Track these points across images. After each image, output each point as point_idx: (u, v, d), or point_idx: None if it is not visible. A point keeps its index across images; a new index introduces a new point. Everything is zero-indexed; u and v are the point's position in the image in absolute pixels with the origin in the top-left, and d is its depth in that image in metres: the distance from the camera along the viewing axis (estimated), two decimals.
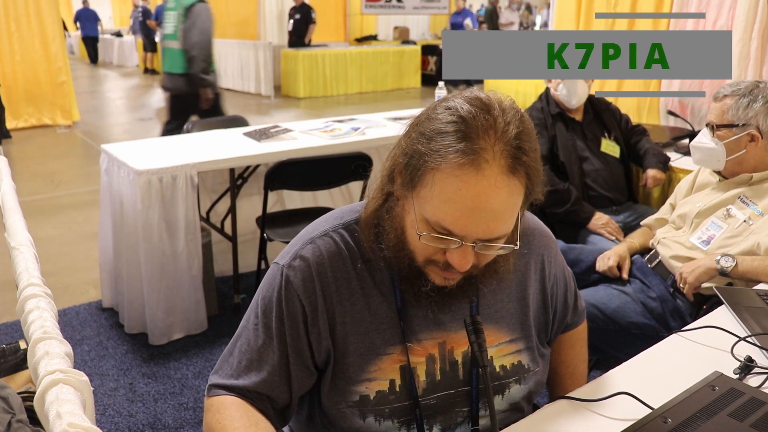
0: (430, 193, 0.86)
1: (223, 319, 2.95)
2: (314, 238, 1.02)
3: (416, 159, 0.87)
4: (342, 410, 1.01)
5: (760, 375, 1.16)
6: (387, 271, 1.01)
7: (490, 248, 0.89)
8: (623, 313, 1.82)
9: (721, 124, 1.84)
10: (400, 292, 1.01)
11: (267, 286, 1.03)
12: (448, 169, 0.83)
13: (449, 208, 0.84)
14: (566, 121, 2.69)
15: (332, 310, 1.00)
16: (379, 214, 0.99)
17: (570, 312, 1.22)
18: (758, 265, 1.63)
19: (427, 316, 1.02)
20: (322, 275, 0.99)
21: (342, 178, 2.92)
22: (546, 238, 1.15)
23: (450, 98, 0.90)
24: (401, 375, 1.01)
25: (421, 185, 0.87)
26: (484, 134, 0.83)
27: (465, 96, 0.89)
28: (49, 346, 0.83)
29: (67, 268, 2.86)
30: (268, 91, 9.90)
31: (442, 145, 0.84)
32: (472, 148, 0.83)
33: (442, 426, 1.04)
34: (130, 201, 2.62)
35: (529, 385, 1.09)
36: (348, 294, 1.00)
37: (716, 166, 1.89)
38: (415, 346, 1.02)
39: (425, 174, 0.86)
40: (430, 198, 0.86)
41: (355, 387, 1.00)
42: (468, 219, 0.84)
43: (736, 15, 2.92)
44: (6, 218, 1.49)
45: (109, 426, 2.20)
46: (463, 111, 0.85)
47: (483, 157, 0.82)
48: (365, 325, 1.01)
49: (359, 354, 1.00)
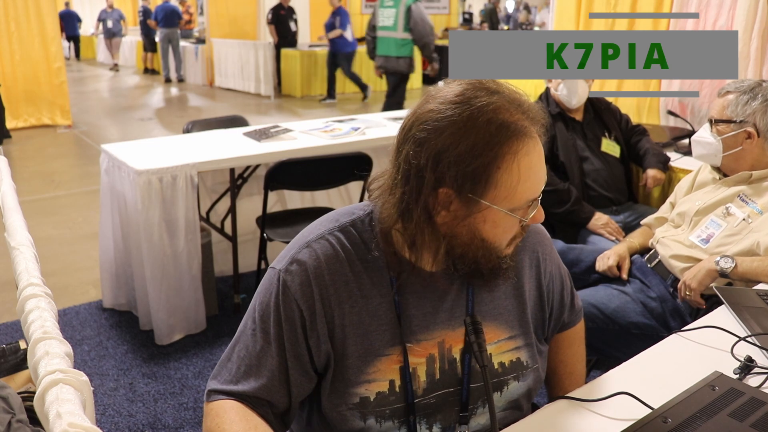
0: (510, 185, 0.91)
1: (223, 319, 2.95)
2: (310, 241, 1.02)
3: (479, 175, 0.89)
4: (342, 413, 1.01)
5: (760, 375, 1.16)
6: (385, 273, 1.01)
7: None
8: (623, 313, 1.82)
9: (720, 119, 1.86)
10: (399, 292, 1.01)
11: (264, 291, 1.03)
12: (514, 156, 0.90)
13: (532, 181, 0.93)
14: (566, 121, 2.69)
15: (331, 314, 1.00)
16: (407, 226, 0.96)
17: (567, 310, 1.22)
18: (758, 265, 1.63)
19: (427, 314, 1.02)
20: (319, 278, 0.99)
21: (342, 178, 2.92)
22: (540, 235, 1.15)
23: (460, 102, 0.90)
24: (401, 376, 1.01)
25: (494, 187, 0.91)
26: (506, 111, 0.90)
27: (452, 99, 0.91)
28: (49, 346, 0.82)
29: (67, 268, 2.85)
30: (268, 91, 9.90)
31: (497, 146, 0.89)
32: (515, 126, 0.90)
33: (441, 424, 1.04)
34: (130, 201, 2.62)
35: (528, 382, 1.09)
36: (346, 296, 1.00)
37: (714, 162, 1.90)
38: (415, 346, 1.02)
39: (492, 175, 0.90)
40: (512, 188, 0.91)
41: (354, 389, 1.00)
42: (542, 178, 0.95)
43: (736, 15, 2.91)
44: (6, 218, 1.49)
45: (109, 426, 2.20)
46: (485, 108, 0.89)
47: (522, 125, 0.91)
48: (364, 326, 1.01)
49: (358, 356, 1.00)
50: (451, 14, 14.38)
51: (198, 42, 12.00)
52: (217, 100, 9.98)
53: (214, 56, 11.22)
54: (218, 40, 11.04)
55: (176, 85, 11.90)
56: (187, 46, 12.03)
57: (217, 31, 11.04)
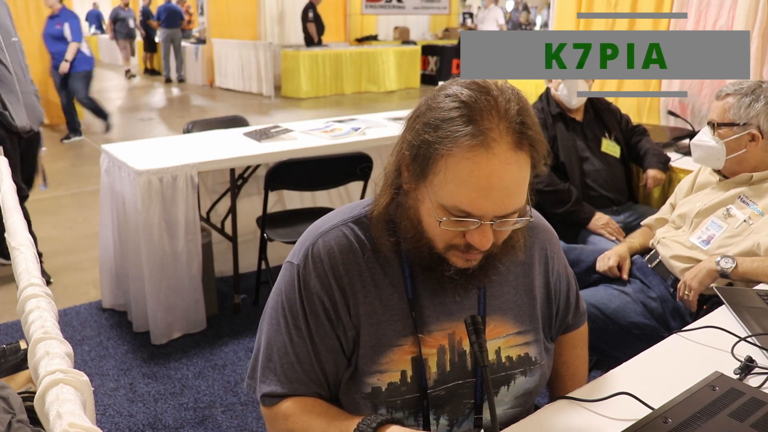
0: (444, 179, 0.88)
1: (223, 319, 2.95)
2: (324, 232, 1.04)
3: (425, 149, 0.89)
4: (356, 400, 1.03)
5: (760, 375, 1.16)
6: (398, 264, 1.02)
7: (507, 223, 0.92)
8: (623, 314, 1.82)
9: (722, 122, 1.84)
10: (412, 283, 1.02)
11: (288, 288, 1.04)
12: (459, 153, 0.86)
13: (465, 190, 0.87)
14: (566, 121, 2.69)
15: (348, 303, 1.01)
16: (389, 210, 1.01)
17: (572, 311, 1.22)
18: (758, 266, 1.63)
19: (438, 305, 1.03)
20: (334, 269, 1.01)
21: (342, 179, 2.92)
22: (549, 234, 1.16)
23: (447, 86, 0.92)
24: (413, 366, 1.02)
25: (434, 173, 0.89)
26: (488, 115, 0.86)
27: (461, 82, 0.91)
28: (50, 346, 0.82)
29: (67, 268, 2.85)
30: (269, 91, 9.90)
31: (449, 131, 0.86)
32: (479, 129, 0.85)
33: (449, 417, 1.05)
34: (130, 201, 2.63)
35: (535, 378, 1.10)
36: (360, 286, 1.01)
37: (716, 165, 1.89)
38: (426, 337, 1.03)
39: (437, 162, 0.88)
40: (445, 184, 0.88)
41: (367, 379, 1.01)
42: (484, 198, 0.87)
43: (736, 15, 2.91)
44: (6, 218, 1.49)
45: (110, 426, 2.20)
46: (464, 96, 0.88)
47: (491, 137, 0.85)
48: (377, 317, 1.02)
49: (371, 346, 1.01)
50: (452, 14, 14.38)
51: (198, 42, 12.01)
52: (217, 101, 9.99)
53: (215, 56, 11.22)
54: (219, 40, 11.05)
55: (177, 85, 11.90)
56: (188, 46, 12.04)
57: (218, 31, 11.05)
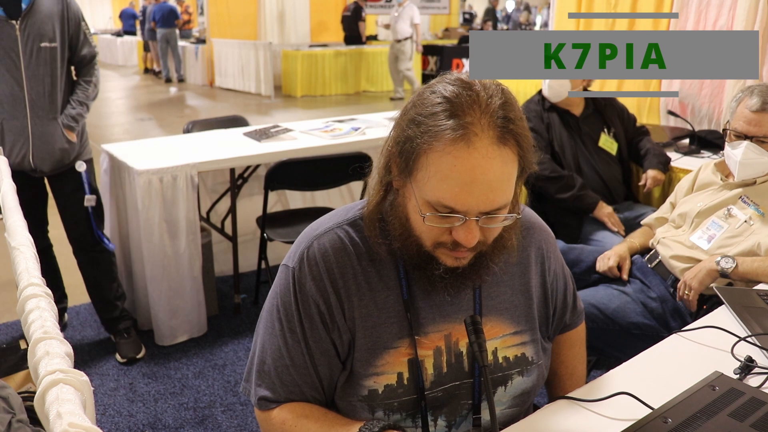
0: (426, 174, 0.88)
1: (224, 319, 2.95)
2: (319, 235, 1.04)
3: (408, 144, 0.90)
4: (353, 403, 1.03)
5: (760, 375, 1.16)
6: (393, 265, 1.02)
7: (494, 220, 0.91)
8: (623, 314, 1.82)
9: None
10: (407, 284, 1.02)
11: (283, 290, 1.04)
12: (440, 148, 0.86)
13: (447, 185, 0.87)
14: (562, 115, 2.69)
15: (343, 306, 1.01)
16: (381, 208, 1.01)
17: (569, 311, 1.22)
18: (758, 266, 1.63)
19: (434, 307, 1.03)
20: (329, 271, 1.01)
21: (342, 178, 2.92)
22: (545, 233, 1.16)
23: (433, 84, 0.93)
24: (409, 368, 1.02)
25: (417, 168, 0.90)
26: (470, 109, 0.86)
27: (447, 79, 0.92)
28: (50, 346, 0.82)
29: (67, 268, 2.85)
30: (269, 91, 9.90)
31: (431, 126, 0.87)
32: (460, 123, 0.86)
33: (447, 418, 1.05)
34: (130, 201, 2.63)
35: (532, 378, 1.10)
36: (355, 289, 1.01)
37: (759, 176, 1.85)
38: (422, 339, 1.03)
39: (419, 157, 0.89)
40: (428, 179, 0.88)
41: (363, 381, 1.01)
42: (467, 193, 0.87)
43: (736, 15, 2.91)
44: (6, 218, 1.49)
45: (110, 426, 2.20)
46: (447, 92, 0.89)
47: (472, 131, 0.85)
48: (372, 319, 1.01)
49: (367, 349, 1.01)
50: (452, 14, 14.38)
51: (198, 42, 12.00)
52: (217, 100, 9.99)
53: (215, 56, 11.22)
54: (218, 40, 11.05)
55: (176, 85, 11.90)
56: (188, 46, 12.03)
57: (218, 30, 11.05)
